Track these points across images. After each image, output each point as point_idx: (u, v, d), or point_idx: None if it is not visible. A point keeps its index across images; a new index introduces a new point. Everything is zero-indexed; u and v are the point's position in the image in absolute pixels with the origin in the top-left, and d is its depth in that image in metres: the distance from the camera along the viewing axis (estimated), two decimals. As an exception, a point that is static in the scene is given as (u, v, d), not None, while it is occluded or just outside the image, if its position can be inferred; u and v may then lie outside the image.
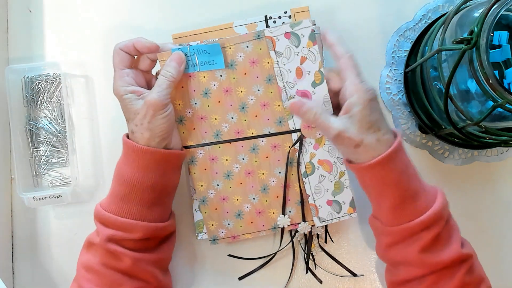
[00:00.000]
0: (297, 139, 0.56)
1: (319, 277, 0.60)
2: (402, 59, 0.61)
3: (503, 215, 0.61)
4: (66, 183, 0.63)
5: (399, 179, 0.48)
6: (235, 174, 0.57)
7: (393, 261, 0.50)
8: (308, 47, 0.53)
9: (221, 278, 0.61)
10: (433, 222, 0.47)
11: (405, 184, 0.48)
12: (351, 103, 0.48)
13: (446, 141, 0.60)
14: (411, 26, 0.62)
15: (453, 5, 0.61)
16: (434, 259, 0.47)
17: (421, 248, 0.47)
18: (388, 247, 0.50)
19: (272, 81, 0.55)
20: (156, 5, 0.64)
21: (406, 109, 0.61)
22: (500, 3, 0.44)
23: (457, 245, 0.47)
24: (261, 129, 0.56)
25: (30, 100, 0.63)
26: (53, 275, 0.62)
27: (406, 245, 0.48)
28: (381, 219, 0.51)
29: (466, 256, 0.47)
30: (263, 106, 0.56)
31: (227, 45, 0.54)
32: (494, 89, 0.44)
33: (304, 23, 0.53)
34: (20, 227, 0.63)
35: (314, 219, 0.57)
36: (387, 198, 0.48)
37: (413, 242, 0.47)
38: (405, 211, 0.48)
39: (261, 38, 0.54)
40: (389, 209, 0.48)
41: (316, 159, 0.56)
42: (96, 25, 0.64)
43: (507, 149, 0.61)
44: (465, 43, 0.44)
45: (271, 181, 0.57)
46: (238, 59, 0.54)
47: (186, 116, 0.56)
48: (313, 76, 0.54)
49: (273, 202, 0.57)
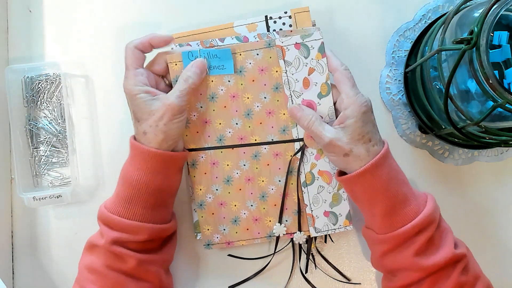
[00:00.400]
0: (299, 148, 0.56)
1: (319, 281, 0.60)
2: (402, 59, 0.61)
3: (503, 215, 0.61)
4: (66, 183, 0.63)
5: (388, 186, 0.48)
6: (235, 179, 0.57)
7: (389, 268, 0.51)
8: (317, 59, 0.54)
9: (220, 279, 0.61)
10: (426, 225, 0.48)
11: (395, 190, 0.49)
12: (345, 115, 0.50)
13: (446, 141, 0.60)
14: (411, 26, 0.62)
15: (453, 5, 0.61)
16: (429, 261, 0.47)
17: (415, 252, 0.47)
18: (384, 255, 0.50)
19: (279, 89, 0.55)
20: (156, 5, 0.64)
21: (406, 109, 0.61)
22: (500, 3, 0.44)
23: (450, 246, 0.48)
24: (265, 137, 0.56)
25: (30, 100, 0.63)
26: (53, 275, 0.62)
27: (400, 250, 0.48)
28: (374, 228, 0.51)
29: (459, 256, 0.47)
30: (269, 114, 0.56)
31: (238, 51, 0.54)
32: (494, 89, 0.44)
33: (315, 35, 0.53)
34: (20, 227, 0.63)
35: (310, 229, 0.57)
36: (378, 205, 0.49)
37: (407, 247, 0.48)
38: (397, 216, 0.48)
39: (271, 46, 0.54)
40: (381, 216, 0.49)
41: (316, 170, 0.56)
42: (96, 25, 0.64)
43: (507, 149, 0.61)
44: (465, 43, 0.44)
45: (270, 189, 0.57)
46: (248, 65, 0.54)
47: (190, 119, 0.56)
48: (319, 87, 0.54)
49: (270, 210, 0.58)
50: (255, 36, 0.55)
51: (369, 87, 0.62)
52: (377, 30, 0.62)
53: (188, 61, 0.53)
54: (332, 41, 0.61)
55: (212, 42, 0.56)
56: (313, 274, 0.61)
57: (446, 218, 0.51)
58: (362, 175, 0.49)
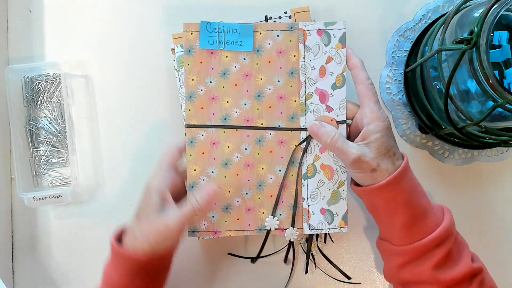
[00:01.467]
0: (304, 138, 0.55)
1: (319, 281, 0.60)
2: (402, 59, 0.61)
3: (503, 215, 0.61)
4: (66, 183, 0.63)
5: (410, 198, 0.48)
6: (234, 163, 0.55)
7: (405, 281, 0.50)
8: (336, 48, 0.53)
9: (220, 277, 0.61)
10: (444, 238, 0.47)
11: (416, 203, 0.48)
12: (369, 130, 0.49)
13: (446, 141, 0.60)
14: (411, 26, 0.62)
15: (453, 5, 0.61)
16: (448, 275, 0.47)
17: (434, 265, 0.47)
18: (401, 267, 0.50)
19: (294, 75, 0.54)
20: (156, 5, 0.64)
21: (406, 109, 0.61)
22: (500, 3, 0.44)
23: (468, 260, 0.48)
24: (272, 122, 0.55)
25: (30, 100, 0.63)
26: (53, 275, 0.62)
27: (419, 263, 0.48)
28: (392, 240, 0.51)
29: (477, 270, 0.48)
30: (280, 99, 0.54)
31: (259, 29, 0.53)
32: (494, 89, 0.44)
33: (338, 24, 0.53)
34: (20, 227, 0.63)
35: (304, 225, 0.55)
36: (399, 218, 0.48)
37: (426, 260, 0.48)
38: (417, 229, 0.48)
39: (294, 30, 0.53)
40: (401, 228, 0.48)
41: (319, 163, 0.55)
42: (96, 25, 0.64)
43: (507, 149, 0.61)
44: (465, 43, 0.44)
45: (268, 178, 0.55)
46: (266, 46, 0.53)
47: (196, 93, 0.54)
48: (335, 78, 0.53)
49: (265, 201, 0.55)
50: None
51: (369, 87, 0.62)
52: (377, 30, 0.62)
53: (205, 32, 0.52)
54: (332, 41, 0.61)
55: None
56: (313, 274, 0.61)
57: (446, 218, 0.51)
58: (384, 188, 0.48)
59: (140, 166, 0.62)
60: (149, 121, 0.62)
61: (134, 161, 0.62)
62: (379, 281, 0.61)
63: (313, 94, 0.54)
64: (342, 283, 0.60)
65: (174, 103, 0.61)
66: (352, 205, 0.60)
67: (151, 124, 0.62)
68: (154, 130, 0.62)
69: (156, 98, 0.62)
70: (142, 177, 0.52)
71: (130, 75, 0.63)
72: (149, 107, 0.62)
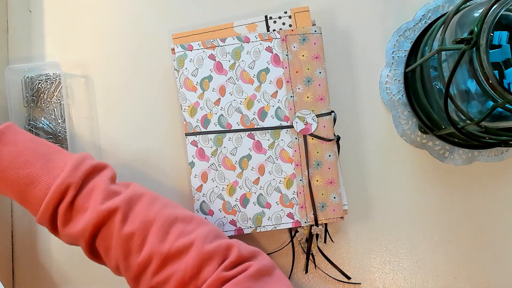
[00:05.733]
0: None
1: (319, 281, 0.60)
2: (402, 59, 0.61)
3: (503, 215, 0.61)
4: (66, 183, 0.63)
5: (5, 174, 0.46)
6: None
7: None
8: None
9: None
10: (60, 197, 0.45)
11: (14, 176, 0.45)
12: None
13: (446, 141, 0.60)
14: (411, 26, 0.62)
15: (453, 5, 0.61)
16: (71, 230, 0.46)
17: (61, 224, 0.46)
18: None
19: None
20: (156, 5, 0.64)
21: (406, 109, 0.61)
22: (500, 3, 0.44)
23: (95, 204, 0.45)
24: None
25: (30, 100, 0.63)
26: (53, 275, 0.62)
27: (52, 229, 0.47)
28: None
29: (111, 211, 0.45)
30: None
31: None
32: (494, 89, 0.44)
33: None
34: (20, 227, 0.63)
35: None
36: (11, 196, 0.47)
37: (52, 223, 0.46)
38: (32, 202, 0.46)
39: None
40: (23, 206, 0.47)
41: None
42: (96, 25, 0.64)
43: (507, 149, 0.61)
44: (465, 43, 0.44)
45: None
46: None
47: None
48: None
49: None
50: (256, 36, 0.55)
51: (369, 87, 0.62)
52: (377, 30, 0.62)
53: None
54: (332, 41, 0.61)
55: (213, 43, 0.56)
56: (313, 274, 0.61)
57: (446, 218, 0.51)
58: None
59: (140, 166, 0.62)
60: (149, 121, 0.62)
61: (134, 161, 0.62)
62: (379, 281, 0.61)
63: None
64: (342, 283, 0.60)
65: (174, 103, 0.61)
66: (352, 205, 0.60)
67: (151, 124, 0.62)
68: (153, 130, 0.62)
69: (156, 98, 0.62)
70: (142, 177, 0.52)
71: (130, 75, 0.63)
72: (149, 107, 0.62)
